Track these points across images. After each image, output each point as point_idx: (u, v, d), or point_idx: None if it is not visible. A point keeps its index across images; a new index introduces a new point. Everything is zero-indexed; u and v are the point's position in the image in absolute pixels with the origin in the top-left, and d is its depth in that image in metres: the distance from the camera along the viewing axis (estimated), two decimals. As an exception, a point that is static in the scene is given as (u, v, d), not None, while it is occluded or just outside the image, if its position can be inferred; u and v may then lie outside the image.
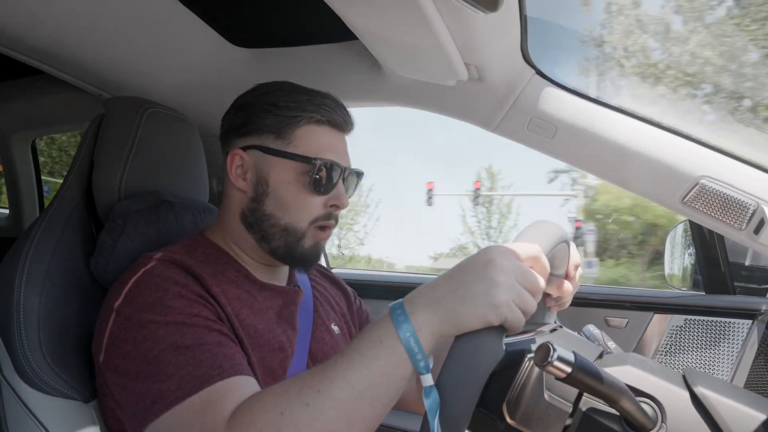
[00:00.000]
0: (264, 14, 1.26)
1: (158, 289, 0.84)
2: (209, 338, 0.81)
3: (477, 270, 0.66)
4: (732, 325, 1.45)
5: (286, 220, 0.97)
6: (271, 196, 0.97)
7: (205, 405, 0.73)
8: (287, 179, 0.96)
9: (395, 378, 0.65)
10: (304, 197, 0.96)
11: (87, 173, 1.10)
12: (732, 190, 1.08)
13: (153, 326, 0.80)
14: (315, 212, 0.97)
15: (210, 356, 0.78)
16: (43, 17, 1.08)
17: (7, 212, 2.54)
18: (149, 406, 0.75)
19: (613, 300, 1.60)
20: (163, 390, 0.75)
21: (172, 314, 0.81)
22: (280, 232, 0.97)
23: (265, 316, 0.96)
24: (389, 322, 0.66)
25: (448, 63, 1.10)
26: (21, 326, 0.91)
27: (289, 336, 0.98)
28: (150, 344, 0.79)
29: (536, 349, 0.61)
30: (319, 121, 0.98)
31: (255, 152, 0.98)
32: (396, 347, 0.64)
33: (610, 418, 0.65)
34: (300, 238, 0.97)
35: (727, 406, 0.64)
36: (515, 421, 0.67)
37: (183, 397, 0.74)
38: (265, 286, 1.01)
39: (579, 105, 1.17)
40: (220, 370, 0.76)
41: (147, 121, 1.10)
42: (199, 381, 0.75)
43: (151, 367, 0.77)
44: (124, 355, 0.80)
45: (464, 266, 0.67)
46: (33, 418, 0.92)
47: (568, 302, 0.91)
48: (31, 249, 0.97)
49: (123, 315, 0.83)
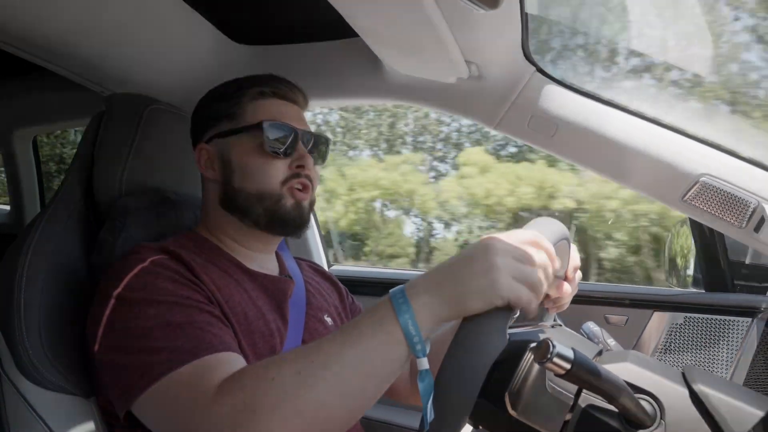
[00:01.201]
0: (265, 11, 1.27)
1: (150, 273, 0.85)
2: (200, 318, 0.81)
3: (476, 254, 0.66)
4: (731, 323, 1.45)
5: (256, 187, 0.99)
6: (237, 171, 1.01)
7: (193, 376, 0.73)
8: (246, 151, 1.00)
9: (391, 358, 0.66)
10: (265, 161, 0.99)
11: (88, 170, 1.10)
12: (732, 188, 1.08)
13: (144, 305, 0.81)
14: (281, 174, 1.00)
15: (200, 333, 0.79)
16: (45, 14, 1.08)
17: (8, 208, 2.54)
18: (137, 381, 0.75)
19: (613, 297, 1.60)
20: (152, 362, 0.75)
21: (164, 294, 0.82)
22: (256, 201, 0.99)
23: (255, 303, 0.97)
24: (388, 305, 0.66)
25: (448, 60, 1.10)
26: (21, 322, 0.92)
27: (279, 325, 0.98)
28: (140, 322, 0.79)
29: (536, 346, 0.61)
30: (263, 93, 1.04)
31: (215, 141, 1.04)
32: (394, 328, 0.65)
33: (609, 415, 0.65)
34: (278, 199, 0.99)
35: (726, 403, 0.64)
36: (517, 412, 0.67)
37: (171, 369, 0.74)
38: (255, 275, 1.02)
39: (580, 102, 1.17)
40: (210, 345, 0.77)
41: (148, 118, 1.10)
42: (188, 354, 0.75)
43: (141, 343, 0.78)
44: (116, 335, 0.81)
45: (464, 253, 0.68)
46: (34, 414, 0.93)
47: (567, 304, 0.91)
48: (32, 245, 0.97)
49: (115, 297, 0.83)
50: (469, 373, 0.58)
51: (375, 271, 2.19)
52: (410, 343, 0.65)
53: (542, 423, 0.66)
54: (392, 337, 0.65)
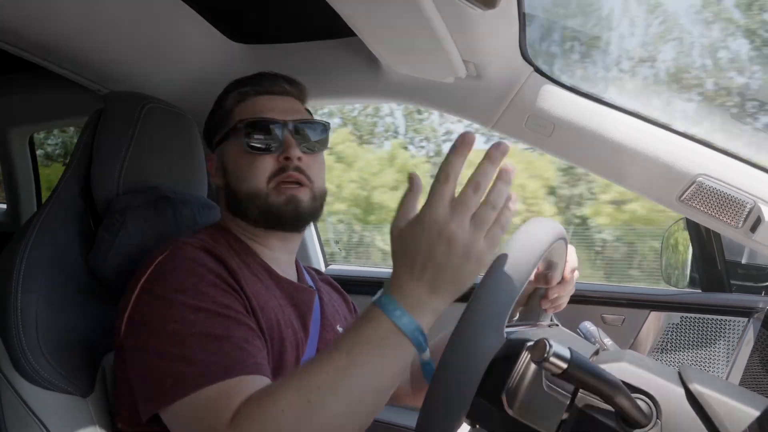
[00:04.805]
0: (262, 10, 1.26)
1: (193, 274, 0.84)
2: (238, 332, 0.81)
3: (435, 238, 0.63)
4: (728, 323, 1.46)
5: (245, 188, 0.99)
6: (231, 175, 1.02)
7: (219, 398, 0.73)
8: (235, 153, 1.01)
9: (399, 368, 0.66)
10: (251, 160, 0.99)
11: (85, 168, 1.10)
12: (729, 188, 1.08)
13: (185, 309, 0.80)
14: (268, 170, 0.99)
15: (236, 350, 0.78)
16: (43, 12, 1.08)
17: (5, 207, 2.53)
18: (168, 389, 0.75)
19: (610, 297, 1.61)
20: (186, 373, 0.75)
21: (205, 301, 0.81)
22: (247, 201, 0.99)
23: (284, 311, 0.97)
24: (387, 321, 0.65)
25: (446, 60, 1.10)
26: (18, 321, 0.91)
27: (301, 335, 0.98)
28: (179, 326, 0.78)
29: (533, 345, 0.61)
30: (244, 93, 1.05)
31: (217, 149, 1.06)
32: (401, 342, 0.65)
33: (605, 414, 0.65)
34: (266, 197, 0.98)
35: (722, 402, 0.64)
36: (513, 411, 0.67)
37: (203, 385, 0.73)
38: (281, 282, 1.01)
39: (577, 102, 1.18)
40: (243, 366, 0.76)
41: (146, 116, 1.10)
42: (221, 371, 0.75)
43: (177, 349, 0.77)
44: (151, 332, 0.80)
45: (417, 241, 0.65)
46: (30, 413, 0.92)
47: (564, 304, 0.91)
48: (29, 244, 0.97)
49: (154, 294, 0.83)
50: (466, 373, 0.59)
51: (371, 271, 2.19)
52: (417, 346, 0.65)
53: (539, 422, 0.66)
54: (401, 349, 0.65)
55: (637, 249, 4.18)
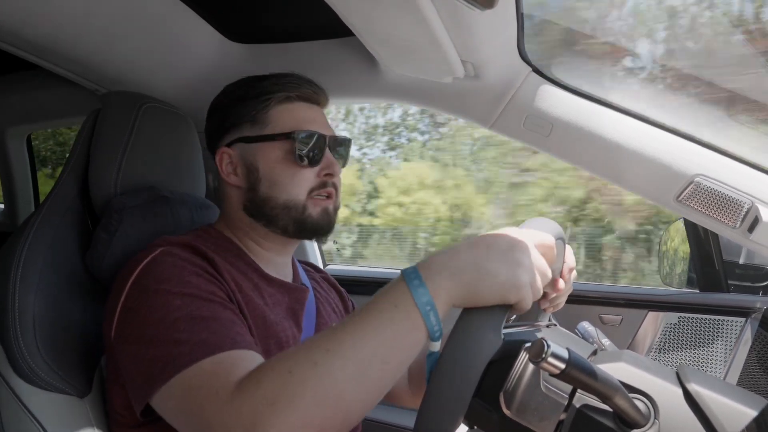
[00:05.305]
0: (260, 10, 1.26)
1: (175, 266, 0.85)
2: (224, 315, 0.81)
3: (502, 248, 0.67)
4: (725, 323, 1.46)
5: (283, 198, 0.99)
6: (264, 180, 1.00)
7: (215, 370, 0.72)
8: (275, 159, 0.99)
9: (408, 343, 0.65)
10: (295, 172, 0.99)
11: (83, 168, 1.10)
12: (726, 188, 1.08)
13: (169, 296, 0.80)
14: (309, 183, 1.00)
15: (224, 329, 0.78)
16: (40, 12, 1.08)
17: (2, 206, 2.53)
18: (159, 371, 0.74)
19: (608, 297, 1.61)
20: (175, 354, 0.74)
21: (189, 288, 0.82)
22: (282, 211, 0.99)
23: (274, 309, 0.96)
24: (404, 287, 0.65)
25: (444, 60, 1.10)
26: (16, 321, 0.91)
27: (294, 332, 0.98)
28: (165, 312, 0.78)
29: (531, 346, 0.61)
30: (289, 98, 1.02)
31: (238, 145, 1.02)
32: (411, 312, 0.64)
33: (603, 415, 0.65)
34: (303, 210, 0.99)
35: (719, 402, 0.64)
36: (511, 412, 0.67)
37: (194, 361, 0.73)
38: (273, 281, 1.02)
39: (575, 103, 1.18)
40: (233, 342, 0.76)
41: (143, 116, 1.10)
42: (211, 347, 0.74)
43: (165, 333, 0.77)
44: (138, 323, 0.80)
45: (488, 242, 0.68)
46: (27, 413, 0.92)
47: (562, 303, 0.91)
48: (27, 244, 0.96)
49: (139, 286, 0.83)
50: (464, 374, 0.58)
51: (370, 271, 2.19)
52: (429, 327, 0.64)
53: (537, 423, 0.66)
54: (412, 323, 0.64)
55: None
